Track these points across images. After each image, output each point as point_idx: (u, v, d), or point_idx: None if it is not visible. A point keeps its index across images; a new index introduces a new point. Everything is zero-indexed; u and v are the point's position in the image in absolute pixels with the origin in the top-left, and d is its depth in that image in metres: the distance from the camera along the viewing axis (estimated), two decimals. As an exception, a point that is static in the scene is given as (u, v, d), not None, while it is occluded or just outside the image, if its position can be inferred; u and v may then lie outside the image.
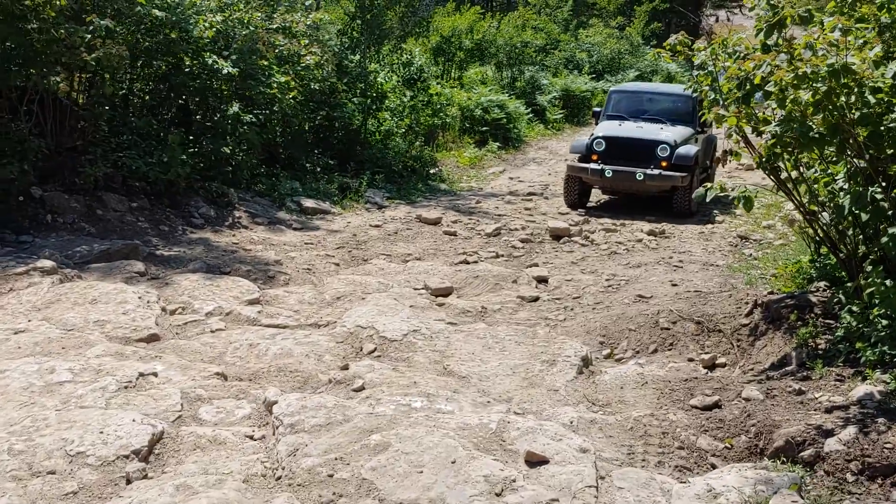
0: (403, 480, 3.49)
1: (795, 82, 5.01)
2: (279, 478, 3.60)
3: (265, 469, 3.65)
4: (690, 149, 13.10)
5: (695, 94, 6.78)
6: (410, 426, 4.00)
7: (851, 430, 4.51)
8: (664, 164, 12.87)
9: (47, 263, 7.73)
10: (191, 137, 11.99)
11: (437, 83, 19.92)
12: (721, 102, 6.09)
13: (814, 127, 5.18)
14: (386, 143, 15.96)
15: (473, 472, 3.50)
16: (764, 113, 5.66)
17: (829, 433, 4.58)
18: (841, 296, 6.19)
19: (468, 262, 10.29)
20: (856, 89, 5.03)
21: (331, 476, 3.57)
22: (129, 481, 3.50)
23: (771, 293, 7.24)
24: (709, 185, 6.12)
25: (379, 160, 15.29)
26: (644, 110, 14.30)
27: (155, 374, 4.79)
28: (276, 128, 13.66)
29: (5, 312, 6.57)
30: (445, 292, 8.93)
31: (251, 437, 4.00)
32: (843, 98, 5.08)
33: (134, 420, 3.91)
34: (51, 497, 3.43)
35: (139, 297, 6.95)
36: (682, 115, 14.12)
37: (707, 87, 6.26)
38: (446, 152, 18.36)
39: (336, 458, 3.67)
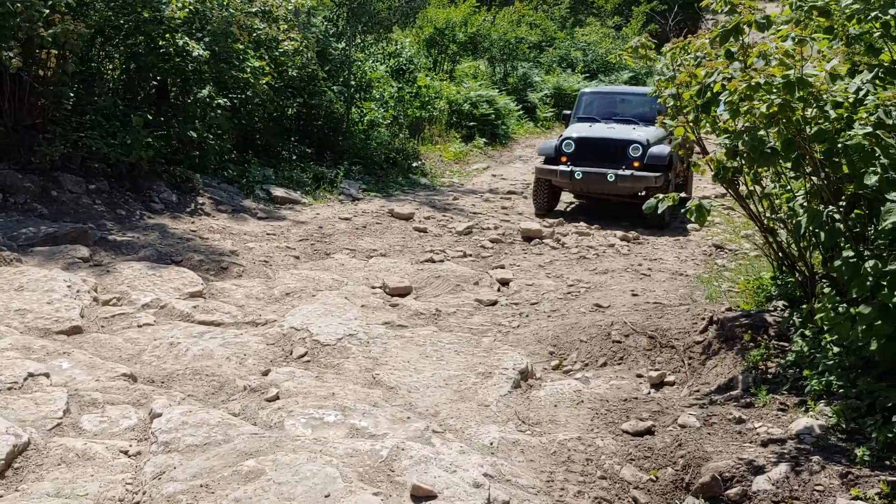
0: (267, 515, 3.21)
1: (748, 92, 4.70)
2: None
3: (125, 492, 3.36)
4: (664, 149, 12.46)
5: (658, 100, 6.47)
6: (293, 451, 3.69)
7: (783, 469, 4.22)
8: (636, 164, 12.29)
9: (-18, 246, 7.44)
10: (161, 119, 11.69)
11: (428, 75, 19.60)
12: (679, 110, 5.80)
13: (767, 141, 4.87)
14: (369, 134, 15.65)
15: (346, 507, 3.21)
16: (725, 123, 5.35)
17: (759, 470, 4.29)
18: (795, 318, 5.90)
19: (433, 261, 9.99)
20: (813, 103, 4.72)
21: (190, 505, 3.29)
22: (-27, 499, 3.22)
23: (729, 310, 6.94)
24: (661, 196, 5.81)
25: (360, 151, 14.98)
26: (616, 112, 13.71)
27: (46, 375, 4.49)
28: (251, 113, 13.34)
29: (-76, 297, 6.28)
30: (403, 292, 8.64)
31: (125, 453, 3.70)
32: (799, 112, 4.77)
33: (-3, 429, 3.63)
34: None
35: (68, 287, 6.65)
36: (655, 115, 13.76)
37: (667, 94, 5.94)
38: (431, 146, 18.04)
39: (202, 485, 3.37)
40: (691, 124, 5.88)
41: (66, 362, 5.09)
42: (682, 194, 11.99)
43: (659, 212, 5.90)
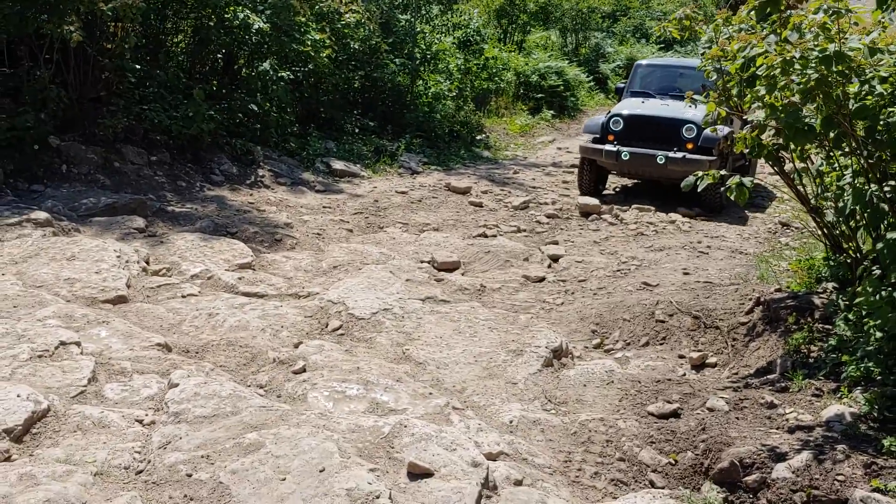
0: (260, 488, 3.25)
1: (784, 67, 4.52)
2: (140, 472, 3.39)
3: (132, 461, 3.45)
4: (723, 130, 11.14)
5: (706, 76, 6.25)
6: (297, 425, 3.73)
7: (805, 456, 4.09)
8: (690, 146, 11.35)
9: (42, 215, 7.69)
10: (223, 92, 11.88)
11: (496, 46, 19.43)
12: (721, 85, 5.62)
13: (804, 117, 4.68)
14: (433, 107, 15.62)
15: (339, 483, 3.23)
16: (761, 98, 5.15)
17: (781, 457, 4.17)
18: (840, 301, 5.69)
19: (486, 236, 9.96)
20: (854, 78, 4.52)
21: (189, 476, 3.35)
22: (-11, 462, 3.36)
23: (778, 290, 6.75)
24: (700, 173, 5.65)
25: (423, 124, 14.96)
26: (674, 87, 12.43)
27: (77, 344, 4.63)
28: (314, 86, 13.45)
29: (-18, 264, 6.54)
30: (451, 267, 8.64)
31: (140, 422, 3.81)
32: (839, 88, 4.57)
33: (19, 395, 3.75)
34: None
35: (118, 257, 6.84)
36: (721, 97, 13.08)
37: (711, 68, 5.76)
38: (497, 118, 17.92)
39: (203, 456, 3.45)
40: (735, 99, 5.69)
41: (105, 331, 5.24)
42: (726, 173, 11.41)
43: (699, 190, 5.74)
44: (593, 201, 11.49)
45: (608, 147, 11.64)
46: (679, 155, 11.31)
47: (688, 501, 3.82)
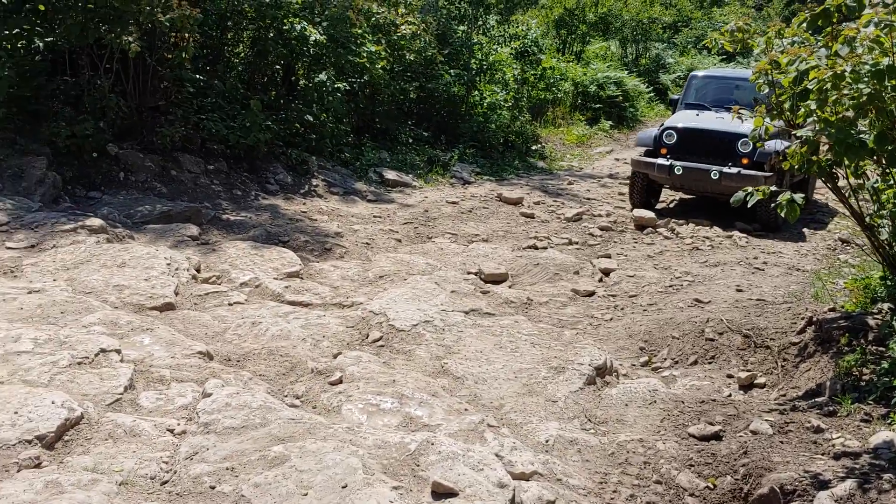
0: (282, 502, 3.24)
1: (835, 81, 4.38)
2: (165, 482, 3.41)
3: (158, 470, 3.47)
4: (779, 145, 10.52)
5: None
6: (323, 439, 3.72)
7: (850, 485, 3.94)
8: (745, 161, 10.96)
9: (96, 222, 7.86)
10: (280, 102, 12.04)
11: (555, 57, 19.35)
12: (774, 99, 5.48)
13: (856, 133, 4.53)
14: (488, 117, 15.59)
15: (360, 500, 3.20)
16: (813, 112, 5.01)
17: (824, 485, 4.02)
18: (894, 322, 5.49)
19: (536, 248, 9.89)
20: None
21: (213, 488, 3.36)
22: (19, 468, 3.41)
23: (832, 310, 6.54)
24: (750, 188, 5.50)
25: (477, 134, 14.94)
26: (730, 99, 11.92)
27: (117, 351, 4.69)
28: (370, 97, 13.54)
29: (35, 270, 6.69)
30: (498, 279, 8.59)
31: (171, 431, 3.84)
32: (893, 103, 4.42)
33: (54, 402, 3.81)
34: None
35: (167, 264, 6.95)
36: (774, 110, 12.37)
37: (762, 81, 5.62)
38: (554, 129, 17.82)
39: (228, 468, 3.45)
40: (788, 113, 5.54)
41: (148, 338, 5.31)
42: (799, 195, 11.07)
43: (748, 205, 5.59)
44: (649, 214, 11.32)
45: (661, 161, 11.36)
46: (734, 170, 10.95)
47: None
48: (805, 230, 11.34)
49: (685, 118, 11.84)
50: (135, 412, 4.10)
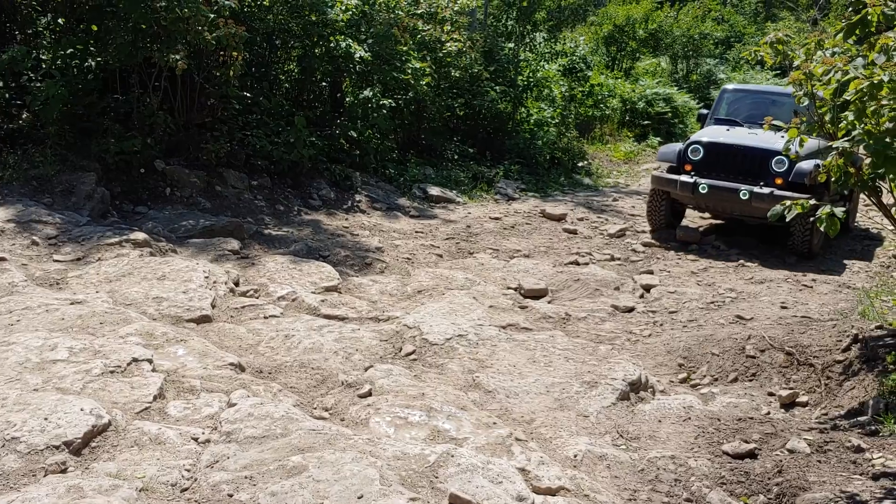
0: (297, 511, 3.24)
1: (871, 91, 4.28)
2: (185, 489, 3.43)
3: (180, 478, 3.49)
4: (815, 163, 9.85)
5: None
6: (342, 449, 3.70)
7: (887, 507, 3.81)
8: (779, 181, 10.08)
9: (140, 236, 7.99)
10: (326, 118, 12.16)
11: (603, 73, 19.26)
12: (815, 112, 5.36)
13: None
14: (535, 134, 15.57)
15: (375, 510, 3.20)
16: (848, 124, 4.89)
17: (860, 506, 3.90)
18: (942, 341, 5.32)
19: (577, 264, 9.81)
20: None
21: (230, 496, 3.36)
22: (45, 473, 3.46)
23: (879, 328, 6.37)
24: (788, 202, 5.38)
25: (523, 150, 14.92)
26: (765, 116, 11.52)
27: (149, 361, 4.75)
28: (415, 114, 13.61)
29: (79, 282, 6.83)
30: (538, 294, 8.53)
31: (196, 440, 3.86)
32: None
33: (82, 409, 3.86)
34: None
35: (206, 277, 7.02)
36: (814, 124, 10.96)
37: (801, 93, 5.51)
38: (601, 145, 17.71)
39: (246, 477, 3.46)
40: (829, 126, 5.42)
41: (182, 349, 5.37)
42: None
43: (787, 219, 5.46)
44: (694, 228, 11.14)
45: (684, 178, 10.48)
46: (766, 191, 10.01)
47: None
48: (857, 246, 11.08)
49: (713, 133, 11.07)
50: (162, 420, 4.14)
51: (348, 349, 5.93)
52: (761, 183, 10.16)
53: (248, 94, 11.28)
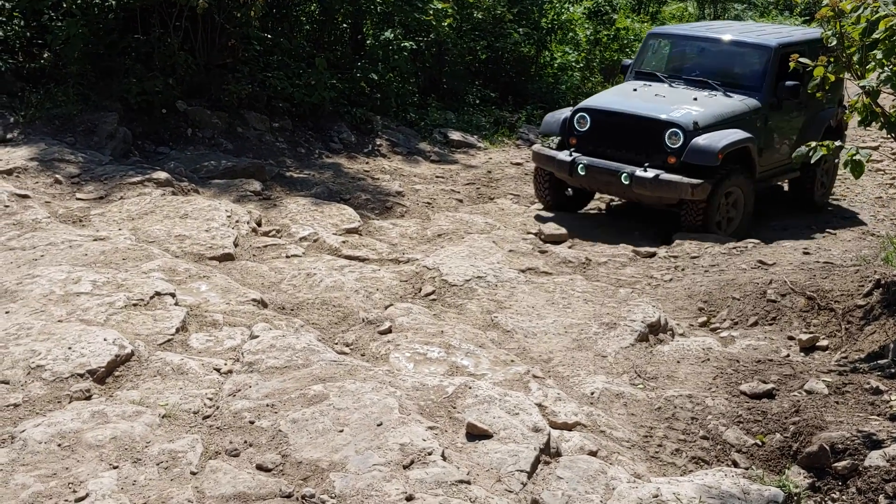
0: (317, 438, 3.28)
1: (901, 29, 4.19)
2: (207, 416, 3.49)
3: (201, 406, 3.56)
4: (720, 138, 8.27)
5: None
6: (363, 380, 3.76)
7: (904, 445, 3.82)
8: (672, 160, 8.27)
9: (162, 175, 8.02)
10: (346, 60, 12.07)
11: (629, 17, 18.94)
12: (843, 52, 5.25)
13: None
14: (558, 78, 15.39)
15: (394, 438, 3.23)
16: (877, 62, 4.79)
17: (877, 444, 3.90)
18: (966, 285, 5.27)
19: (600, 210, 9.77)
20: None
21: (252, 423, 3.42)
22: (70, 400, 3.53)
23: (901, 272, 6.31)
24: (813, 143, 5.30)
25: (546, 95, 14.76)
26: (695, 67, 9.33)
27: (172, 295, 4.81)
28: (437, 56, 13.47)
29: (102, 219, 6.89)
30: (558, 239, 8.51)
31: (218, 371, 3.92)
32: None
33: (106, 339, 3.93)
34: (-9, 406, 3.51)
35: (228, 216, 7.06)
36: (746, 79, 8.91)
37: (829, 34, 5.39)
38: (625, 91, 17.46)
39: (268, 405, 3.52)
40: (857, 66, 5.32)
41: (205, 285, 5.42)
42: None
43: (812, 161, 5.38)
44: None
45: (561, 155, 8.79)
46: (649, 174, 8.26)
47: (761, 481, 3.63)
48: (883, 195, 10.95)
49: (606, 97, 9.48)
50: (184, 352, 4.20)
51: (369, 288, 5.97)
52: (646, 164, 8.38)
53: (268, 35, 11.20)
